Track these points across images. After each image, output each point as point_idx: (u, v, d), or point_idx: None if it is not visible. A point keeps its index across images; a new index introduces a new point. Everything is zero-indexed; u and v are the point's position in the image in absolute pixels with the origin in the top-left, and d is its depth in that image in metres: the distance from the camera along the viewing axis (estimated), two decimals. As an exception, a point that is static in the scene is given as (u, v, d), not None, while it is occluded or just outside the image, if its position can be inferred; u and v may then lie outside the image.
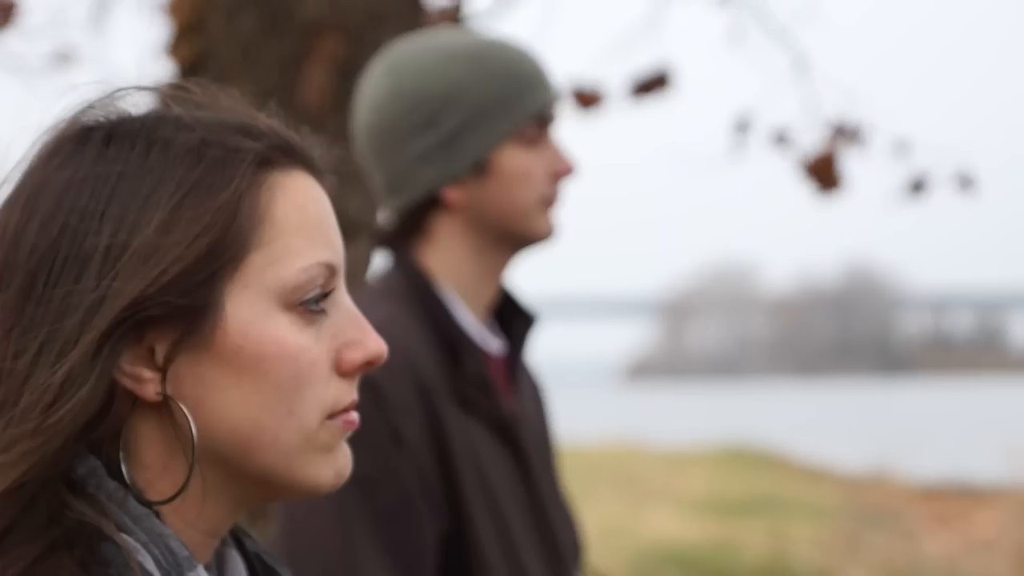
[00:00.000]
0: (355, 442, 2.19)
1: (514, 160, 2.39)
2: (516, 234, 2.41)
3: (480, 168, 2.38)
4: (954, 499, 18.23)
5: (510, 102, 2.38)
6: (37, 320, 1.23)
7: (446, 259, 2.40)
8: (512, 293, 2.50)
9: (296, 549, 2.24)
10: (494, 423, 2.37)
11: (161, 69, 4.17)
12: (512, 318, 2.49)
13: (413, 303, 2.38)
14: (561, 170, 2.40)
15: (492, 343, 2.44)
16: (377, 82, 2.42)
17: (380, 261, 2.50)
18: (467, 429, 2.32)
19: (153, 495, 1.26)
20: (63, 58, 6.13)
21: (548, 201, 2.41)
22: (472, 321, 2.41)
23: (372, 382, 2.22)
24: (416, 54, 2.42)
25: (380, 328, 2.28)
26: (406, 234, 2.42)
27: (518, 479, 2.38)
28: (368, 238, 3.84)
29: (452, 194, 2.39)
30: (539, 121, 2.40)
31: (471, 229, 2.40)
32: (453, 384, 2.34)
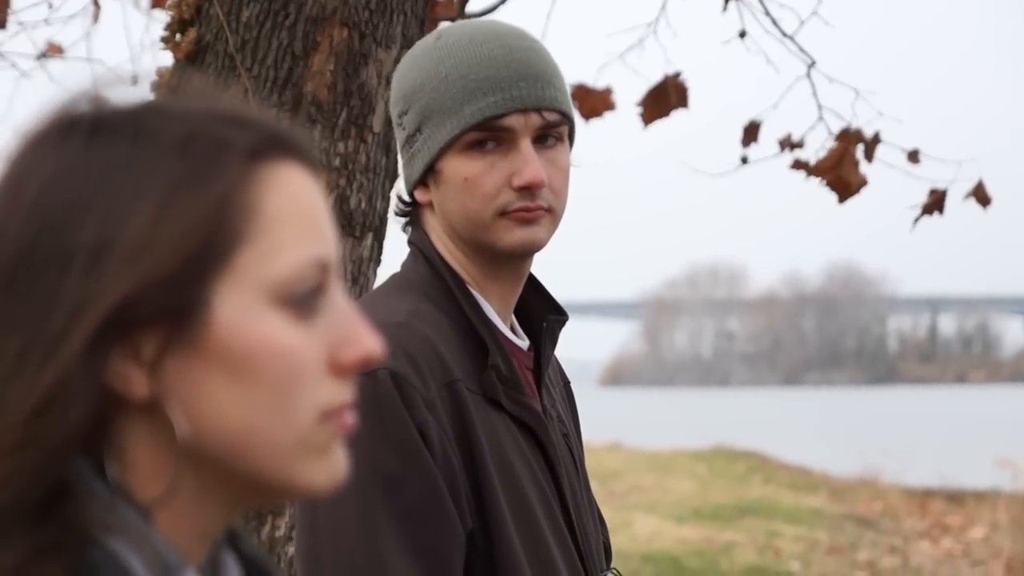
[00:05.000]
0: (381, 439, 2.13)
1: (458, 168, 2.27)
2: (476, 243, 2.29)
3: (433, 174, 2.29)
4: (945, 505, 18.22)
5: (452, 109, 2.26)
6: (18, 319, 1.16)
7: (447, 252, 2.33)
8: (542, 288, 2.42)
9: (319, 545, 2.17)
10: (521, 419, 2.29)
11: (161, 62, 4.09)
12: (539, 314, 2.40)
13: (438, 296, 2.30)
14: (517, 181, 2.25)
15: (518, 338, 2.37)
16: None
17: (402, 253, 2.42)
18: (494, 425, 2.24)
19: (142, 497, 1.21)
20: (57, 52, 6.05)
21: (508, 211, 2.26)
22: (496, 316, 2.33)
23: (398, 377, 2.15)
24: (418, 45, 2.36)
25: (406, 322, 2.22)
26: (412, 227, 2.36)
27: (545, 476, 2.30)
28: (373, 232, 3.79)
29: (421, 196, 2.33)
30: (492, 130, 2.25)
31: (448, 231, 2.31)
32: (480, 379, 2.26)
